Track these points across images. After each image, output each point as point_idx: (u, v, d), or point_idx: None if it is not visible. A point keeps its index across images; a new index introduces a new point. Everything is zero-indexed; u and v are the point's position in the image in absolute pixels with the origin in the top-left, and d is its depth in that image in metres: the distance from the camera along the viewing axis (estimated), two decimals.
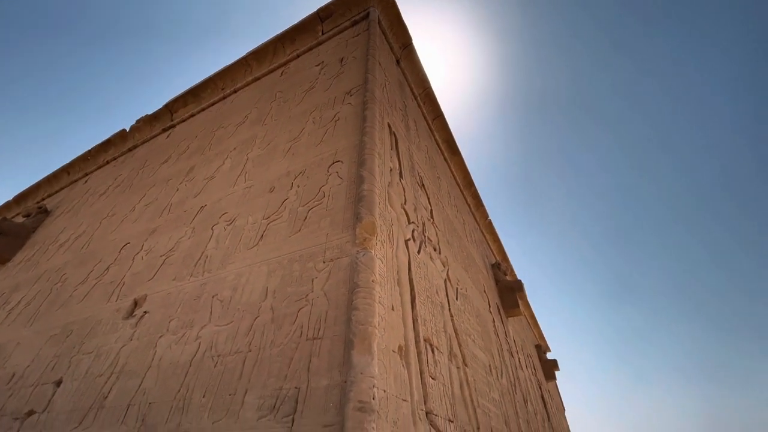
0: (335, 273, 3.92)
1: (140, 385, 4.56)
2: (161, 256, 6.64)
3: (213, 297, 4.93)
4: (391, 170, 5.73)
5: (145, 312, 5.68)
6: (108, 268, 7.56)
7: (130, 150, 13.47)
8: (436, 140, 11.90)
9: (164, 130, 12.61)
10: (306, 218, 4.86)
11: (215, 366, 4.02)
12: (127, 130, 13.89)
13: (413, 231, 5.91)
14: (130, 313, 5.96)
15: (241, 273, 4.92)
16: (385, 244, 4.46)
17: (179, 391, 4.09)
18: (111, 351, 5.46)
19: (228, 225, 6.00)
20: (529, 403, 12.06)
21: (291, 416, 3.12)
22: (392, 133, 6.70)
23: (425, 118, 11.36)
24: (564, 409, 31.20)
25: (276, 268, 4.52)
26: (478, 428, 5.77)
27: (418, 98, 11.03)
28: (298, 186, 5.54)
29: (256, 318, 4.14)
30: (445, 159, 12.60)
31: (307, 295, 3.93)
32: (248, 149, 7.64)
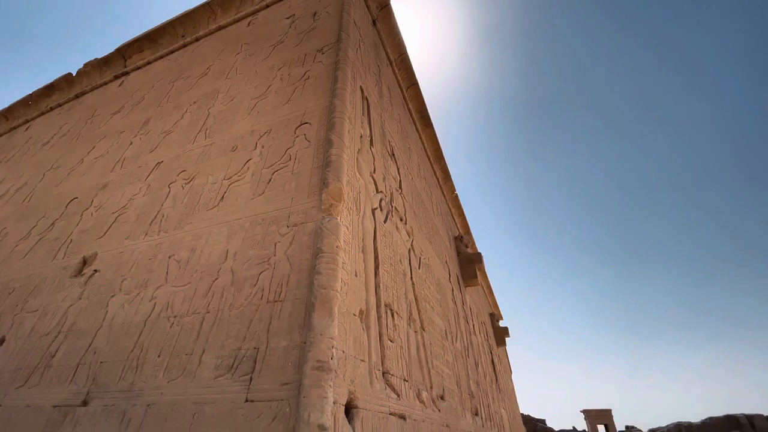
0: (299, 238, 3.88)
1: (90, 345, 4.41)
2: (113, 213, 6.26)
3: (169, 258, 4.76)
4: (361, 137, 5.62)
5: (95, 271, 5.41)
6: (53, 224, 7.05)
7: (77, 97, 12.23)
8: (409, 110, 11.73)
9: (116, 78, 11.51)
10: (270, 181, 4.71)
11: (171, 326, 3.95)
12: (74, 74, 12.55)
13: (381, 200, 5.92)
14: (79, 272, 5.65)
15: (199, 234, 4.75)
16: (351, 212, 4.44)
17: (132, 350, 4.01)
18: (58, 310, 5.20)
19: (186, 183, 5.71)
20: (479, 365, 12.96)
21: (249, 375, 3.16)
22: (365, 98, 6.52)
23: (400, 85, 11.11)
24: (511, 372, 33.86)
25: (237, 231, 4.41)
26: (431, 387, 6.15)
27: (394, 64, 10.72)
28: (263, 147, 5.31)
29: (215, 280, 4.06)
30: (417, 130, 12.51)
31: (269, 258, 3.88)
32: (210, 104, 7.18)
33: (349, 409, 3.38)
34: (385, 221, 5.82)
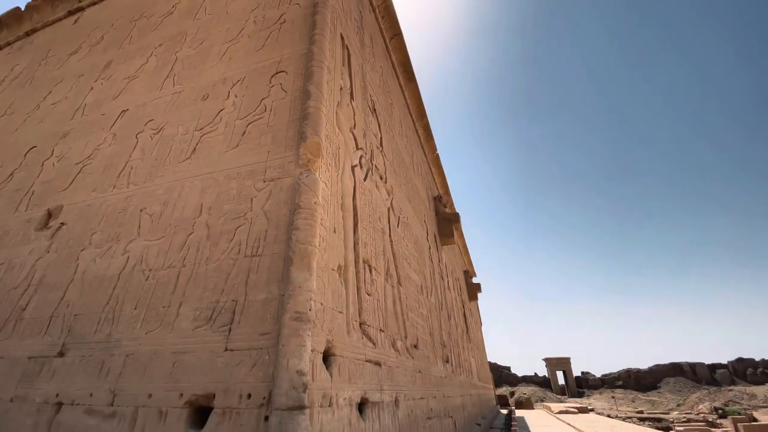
0: (276, 193, 3.81)
1: (63, 298, 4.35)
2: (77, 164, 5.91)
3: (141, 211, 4.62)
4: (341, 89, 5.39)
5: (62, 224, 5.20)
6: (12, 174, 6.62)
7: (27, 35, 11.01)
8: (392, 62, 11.26)
9: (70, 13, 10.36)
10: (245, 133, 4.52)
11: (146, 280, 3.91)
12: (23, 9, 11.20)
13: (361, 157, 5.83)
14: (44, 225, 5.42)
15: (171, 187, 4.59)
16: (330, 168, 4.36)
17: (108, 303, 3.98)
18: (25, 263, 5.04)
19: (155, 134, 5.41)
20: (452, 318, 13.69)
21: (228, 326, 3.22)
22: (345, 47, 6.18)
23: (383, 35, 10.55)
24: (481, 324, 36.04)
25: (211, 185, 4.28)
26: (406, 337, 6.48)
27: (377, 10, 10.09)
28: (236, 96, 5.03)
29: (190, 234, 3.99)
30: (400, 85, 12.11)
31: (246, 213, 3.82)
32: (177, 47, 6.63)
33: (327, 357, 3.54)
34: (365, 179, 5.77)
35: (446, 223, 15.68)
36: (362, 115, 6.37)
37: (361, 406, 4.11)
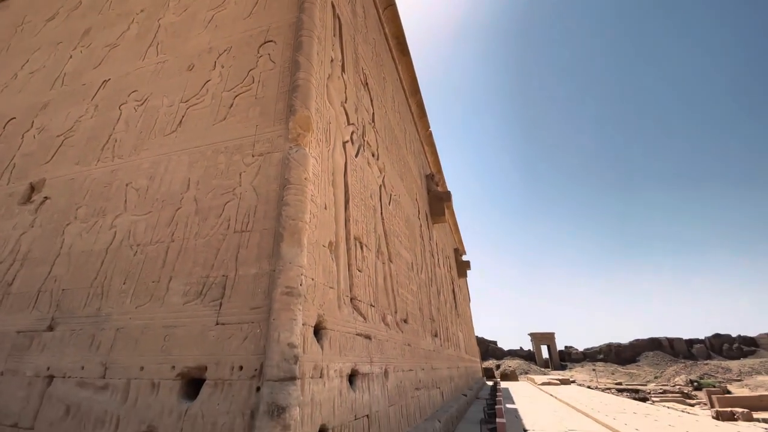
0: (265, 168, 3.75)
1: (50, 273, 4.30)
2: (58, 136, 5.72)
3: (127, 185, 4.52)
4: (332, 61, 5.23)
5: (46, 198, 5.07)
6: None
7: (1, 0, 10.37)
8: (385, 34, 10.93)
9: None
10: (232, 105, 4.39)
11: (135, 255, 3.88)
12: None
13: (352, 133, 5.73)
14: (27, 199, 5.28)
15: (158, 161, 4.48)
16: (320, 143, 4.29)
17: (96, 278, 3.95)
18: (9, 238, 4.94)
19: (139, 105, 5.22)
20: (441, 294, 13.96)
21: (219, 301, 3.23)
22: (336, 17, 5.96)
23: (376, 5, 10.19)
24: (469, 300, 36.88)
25: (198, 159, 4.18)
26: (396, 312, 6.60)
27: None
28: (222, 66, 4.85)
29: (178, 209, 3.93)
30: (393, 59, 11.80)
31: (235, 189, 3.77)
32: (159, 14, 6.32)
33: (318, 330, 3.59)
34: (356, 156, 5.70)
35: (438, 202, 15.72)
36: (354, 89, 6.22)
37: (352, 377, 4.22)
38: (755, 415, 15.70)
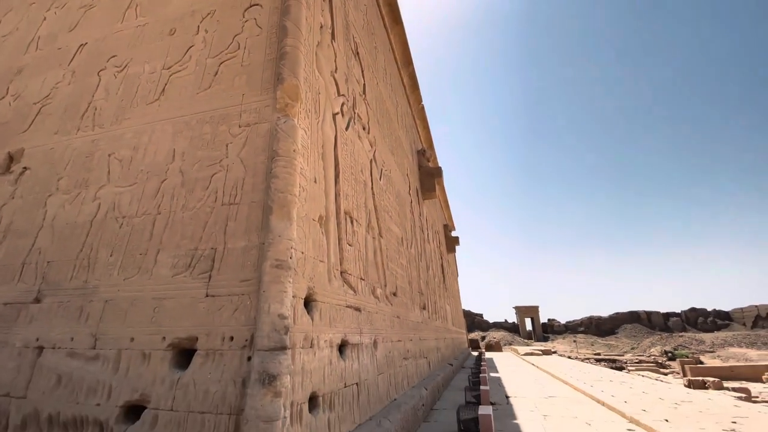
0: (253, 139, 3.66)
1: (33, 245, 4.21)
2: (35, 103, 5.46)
3: (109, 156, 4.38)
4: (321, 27, 5.03)
5: (25, 168, 4.90)
6: None
7: None
8: (377, 1, 10.50)
9: None
10: (217, 73, 4.22)
11: (121, 227, 3.81)
12: None
13: (343, 105, 5.60)
14: (6, 169, 5.10)
15: (141, 131, 4.33)
16: (310, 114, 4.18)
17: (81, 250, 3.89)
18: None
19: (119, 72, 4.99)
20: (430, 269, 14.19)
21: (208, 273, 3.22)
22: None
23: None
24: (457, 274, 37.62)
25: (183, 129, 4.05)
26: (386, 285, 6.71)
27: None
28: (206, 31, 4.62)
29: (164, 181, 3.85)
30: (386, 27, 11.40)
31: (221, 160, 3.68)
32: None
33: (309, 302, 3.64)
34: (346, 128, 5.60)
35: (429, 178, 15.70)
36: (344, 58, 6.03)
37: (342, 347, 4.33)
38: (725, 384, 16.71)
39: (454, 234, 32.07)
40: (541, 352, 31.41)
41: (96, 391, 3.11)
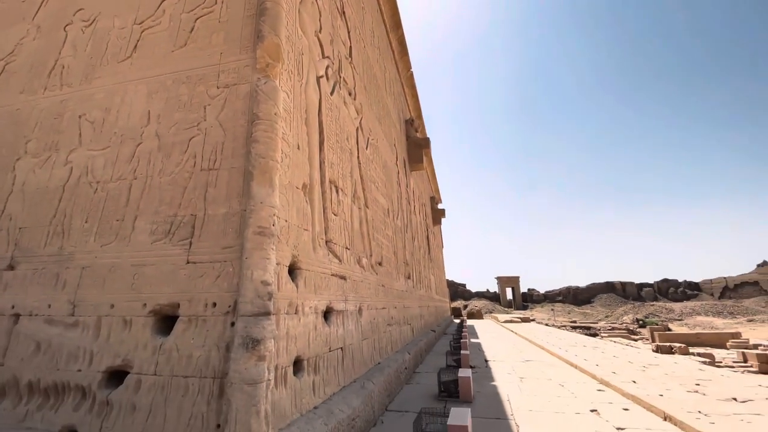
0: (232, 101, 3.49)
1: (4, 211, 4.04)
2: None
3: (80, 117, 4.15)
4: None
5: None
6: None
7: None
8: None
9: None
10: (193, 30, 3.95)
11: (95, 192, 3.67)
12: None
13: (327, 68, 5.38)
14: None
15: (113, 91, 4.09)
16: (292, 76, 4.00)
17: (55, 216, 3.75)
18: None
19: (86, 26, 4.63)
20: (416, 240, 14.34)
21: (188, 240, 3.16)
22: None
23: None
24: (443, 246, 38.23)
25: (158, 89, 3.84)
26: (371, 255, 6.76)
27: None
28: None
29: (139, 144, 3.68)
30: None
31: (199, 123, 3.52)
32: None
33: (293, 270, 3.63)
34: (331, 93, 5.40)
35: (416, 148, 15.53)
36: (329, 18, 5.73)
37: (327, 314, 4.39)
38: (691, 349, 17.83)
39: (440, 206, 32.27)
40: (519, 320, 32.76)
41: (77, 357, 3.09)
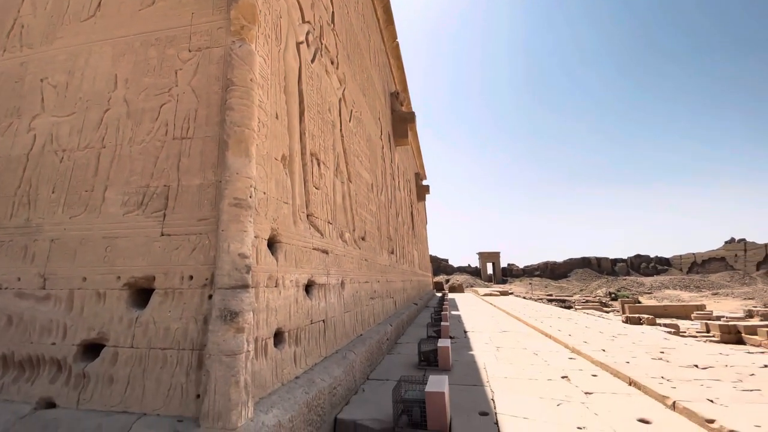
0: (205, 66, 3.31)
1: None
2: None
3: (42, 81, 3.87)
4: None
5: None
6: None
7: None
8: None
9: None
10: None
11: (62, 161, 3.48)
12: None
13: (308, 33, 5.14)
14: None
15: (76, 53, 3.81)
16: (270, 41, 3.81)
17: (19, 186, 3.56)
18: None
19: None
20: (399, 216, 14.39)
21: (162, 211, 3.06)
22: None
23: None
24: (426, 222, 38.59)
25: (125, 51, 3.60)
26: (354, 230, 6.75)
27: None
28: None
29: (107, 110, 3.47)
30: None
31: (171, 89, 3.34)
32: None
33: (273, 243, 3.59)
34: (312, 61, 5.19)
35: (401, 123, 15.30)
36: None
37: (309, 287, 4.40)
38: (658, 321, 18.88)
39: (425, 183, 32.30)
40: (499, 293, 33.84)
41: (50, 330, 3.03)
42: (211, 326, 2.58)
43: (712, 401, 4.16)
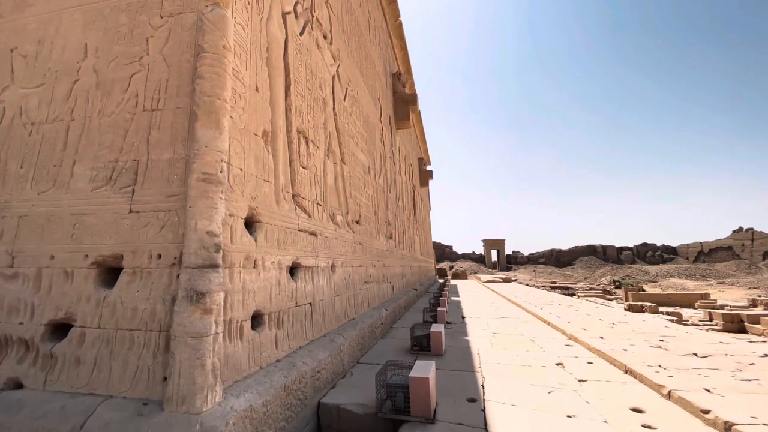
0: (177, 33, 3.09)
1: None
2: None
3: (12, 51, 3.68)
4: None
5: None
6: None
7: None
8: None
9: None
10: None
11: (30, 135, 3.32)
12: None
13: (296, 4, 4.87)
14: None
15: (46, 21, 3.61)
16: (250, 8, 3.57)
17: None
18: None
19: None
20: (400, 200, 14.17)
21: (131, 187, 2.91)
22: None
23: None
24: (430, 208, 38.33)
25: (95, 19, 3.39)
26: (347, 213, 6.58)
27: None
28: None
29: (76, 81, 3.29)
30: None
31: (141, 57, 3.14)
32: None
33: (252, 223, 3.44)
34: (301, 33, 4.94)
35: (403, 105, 14.93)
36: None
37: (293, 269, 4.26)
38: (661, 309, 18.71)
39: (429, 168, 31.90)
40: (501, 280, 33.77)
41: (18, 309, 2.92)
42: (176, 307, 2.45)
43: (709, 391, 4.01)
